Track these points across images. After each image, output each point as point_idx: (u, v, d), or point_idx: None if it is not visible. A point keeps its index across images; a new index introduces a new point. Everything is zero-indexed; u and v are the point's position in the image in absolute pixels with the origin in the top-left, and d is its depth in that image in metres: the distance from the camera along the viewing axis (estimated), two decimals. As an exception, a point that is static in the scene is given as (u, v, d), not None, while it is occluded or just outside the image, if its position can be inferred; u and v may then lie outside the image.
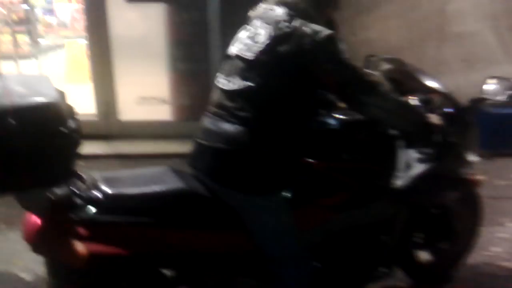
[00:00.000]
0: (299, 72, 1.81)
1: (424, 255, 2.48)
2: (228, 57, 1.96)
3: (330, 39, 1.79)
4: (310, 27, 1.80)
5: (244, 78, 1.83)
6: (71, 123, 1.57)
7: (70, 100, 1.65)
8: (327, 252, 2.05)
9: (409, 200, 2.19)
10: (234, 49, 1.94)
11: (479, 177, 2.42)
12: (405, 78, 2.24)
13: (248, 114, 1.81)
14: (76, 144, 1.60)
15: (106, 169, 2.12)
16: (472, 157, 2.27)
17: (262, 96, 1.81)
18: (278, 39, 1.80)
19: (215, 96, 1.94)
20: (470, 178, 2.36)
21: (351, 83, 1.84)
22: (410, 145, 2.10)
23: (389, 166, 2.07)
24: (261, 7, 1.97)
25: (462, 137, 2.19)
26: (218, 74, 1.97)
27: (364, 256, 2.14)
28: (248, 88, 1.81)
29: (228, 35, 4.09)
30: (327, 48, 1.80)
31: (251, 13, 2.01)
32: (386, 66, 2.34)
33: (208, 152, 1.87)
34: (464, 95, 2.21)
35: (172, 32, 4.38)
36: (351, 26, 3.81)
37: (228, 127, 1.82)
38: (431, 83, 2.17)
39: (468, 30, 4.29)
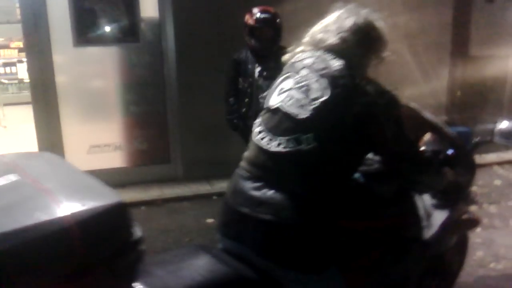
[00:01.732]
0: (357, 136, 1.58)
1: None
2: (270, 110, 1.69)
3: (394, 103, 1.62)
4: (373, 86, 1.60)
5: (295, 140, 1.57)
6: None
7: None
8: None
9: (436, 250, 2.10)
10: (277, 100, 1.67)
11: (478, 217, 2.44)
12: (411, 120, 2.05)
13: (298, 181, 1.58)
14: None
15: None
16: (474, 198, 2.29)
17: (314, 161, 1.57)
18: (337, 98, 1.56)
19: (253, 153, 1.68)
20: (474, 218, 2.35)
21: (406, 159, 1.68)
22: (423, 191, 2.00)
23: (413, 216, 1.95)
24: (305, 54, 1.72)
25: (466, 178, 2.11)
26: (258, 128, 1.70)
27: None
28: (299, 152, 1.56)
29: (185, 75, 4.13)
30: (391, 113, 1.61)
31: (291, 59, 1.76)
32: None
33: (253, 223, 1.60)
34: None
35: (124, 75, 4.20)
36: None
37: (276, 195, 1.57)
38: (438, 125, 2.09)
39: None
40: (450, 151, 2.05)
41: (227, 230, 1.71)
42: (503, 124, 2.17)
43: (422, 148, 2.06)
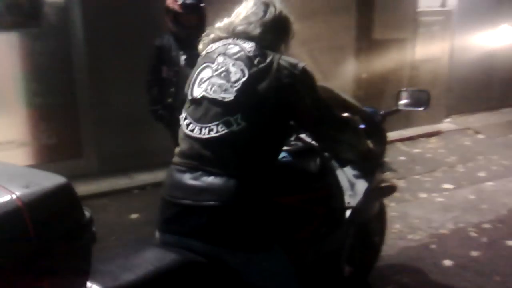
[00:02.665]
0: (280, 108, 1.68)
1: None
2: (195, 100, 1.73)
3: (307, 71, 1.72)
4: (285, 60, 1.70)
5: (225, 123, 1.63)
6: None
7: None
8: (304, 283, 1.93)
9: (363, 217, 2.26)
10: (199, 91, 1.72)
11: (394, 183, 2.66)
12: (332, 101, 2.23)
13: (234, 163, 1.62)
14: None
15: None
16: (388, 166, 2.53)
17: (246, 140, 1.64)
18: (255, 76, 1.65)
19: (186, 146, 1.70)
20: (390, 185, 2.54)
21: (326, 120, 1.78)
22: (342, 163, 2.15)
23: (338, 187, 2.09)
24: (218, 43, 1.79)
25: (381, 147, 2.28)
26: (185, 121, 1.74)
27: (330, 281, 2.12)
28: (231, 134, 1.62)
29: (96, 62, 3.87)
30: (306, 81, 1.72)
31: (206, 49, 1.82)
32: None
33: (196, 212, 1.62)
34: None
35: (26, 64, 3.82)
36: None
37: (215, 180, 1.61)
38: (354, 103, 2.24)
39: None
40: (362, 126, 2.20)
41: (168, 226, 1.69)
42: (402, 94, 2.43)
43: None
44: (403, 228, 3.49)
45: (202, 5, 3.35)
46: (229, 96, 1.65)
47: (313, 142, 2.08)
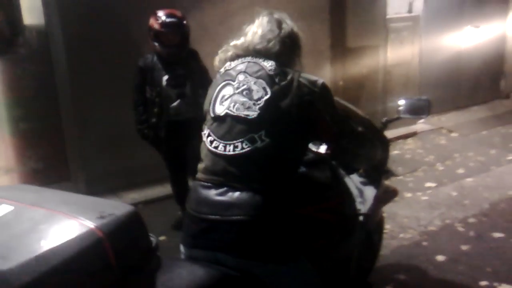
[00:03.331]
0: (302, 124, 1.73)
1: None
2: (217, 118, 1.75)
3: (325, 88, 1.78)
4: (305, 77, 1.76)
5: (250, 140, 1.67)
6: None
7: None
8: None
9: (373, 222, 2.33)
10: (222, 108, 1.75)
11: (396, 188, 2.77)
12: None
13: (259, 178, 1.67)
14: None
15: None
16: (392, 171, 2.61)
17: (270, 155, 1.68)
18: (278, 94, 1.70)
19: (211, 162, 1.73)
20: (392, 190, 2.66)
21: (345, 135, 1.85)
22: (349, 171, 2.23)
23: (348, 195, 2.16)
24: (237, 61, 1.82)
25: (384, 154, 2.34)
26: (208, 138, 1.76)
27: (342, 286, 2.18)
28: (256, 150, 1.66)
29: (80, 84, 3.86)
30: (325, 98, 1.78)
31: (225, 67, 1.85)
32: None
33: (224, 226, 1.65)
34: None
35: (9, 90, 3.78)
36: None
37: (241, 195, 1.64)
38: (359, 112, 2.29)
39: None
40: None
41: (196, 241, 1.71)
42: (403, 102, 2.49)
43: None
44: (394, 228, 3.60)
45: (184, 22, 3.34)
46: (252, 114, 1.68)
47: (320, 151, 2.15)
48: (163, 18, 3.27)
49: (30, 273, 0.98)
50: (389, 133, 5.71)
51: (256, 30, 1.83)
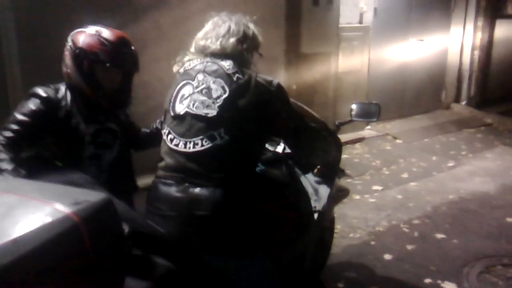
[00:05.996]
0: (260, 122, 1.79)
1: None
2: (177, 116, 1.78)
3: (281, 88, 1.85)
4: (261, 77, 1.82)
5: (209, 137, 1.71)
6: None
7: None
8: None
9: (327, 220, 2.42)
10: (182, 107, 1.78)
11: (347, 187, 2.91)
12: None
13: (219, 174, 1.71)
14: None
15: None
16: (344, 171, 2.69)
17: (230, 152, 1.73)
18: (236, 92, 1.75)
19: (171, 160, 1.75)
20: (344, 189, 2.79)
21: (301, 130, 1.92)
22: (304, 170, 2.31)
23: (304, 193, 2.23)
24: (196, 61, 1.85)
25: (337, 154, 2.42)
26: (168, 136, 1.78)
27: (296, 282, 2.23)
28: (215, 147, 1.70)
29: (30, 73, 3.71)
30: (281, 97, 1.85)
31: (184, 67, 1.87)
32: None
33: (185, 223, 1.68)
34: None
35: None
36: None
37: (202, 191, 1.68)
38: (315, 114, 2.34)
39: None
40: None
41: None
42: (355, 106, 2.60)
43: None
44: (344, 228, 3.73)
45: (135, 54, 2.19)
46: (212, 112, 1.73)
47: (278, 151, 2.21)
48: (115, 43, 2.09)
49: (7, 255, 0.96)
50: (340, 137, 5.94)
51: (211, 32, 1.88)
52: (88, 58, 2.06)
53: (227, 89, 1.75)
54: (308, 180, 2.35)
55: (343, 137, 5.92)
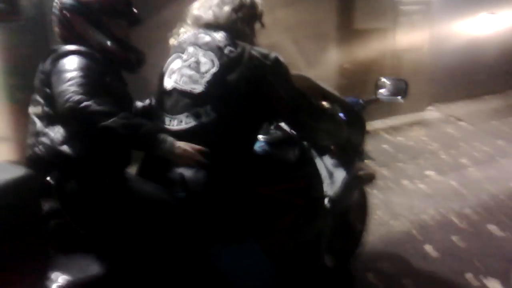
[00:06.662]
0: (252, 99, 1.67)
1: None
2: (166, 92, 1.71)
3: (279, 62, 1.70)
4: (257, 50, 1.68)
5: (195, 115, 1.62)
6: None
7: None
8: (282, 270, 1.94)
9: (341, 206, 2.24)
10: (170, 82, 1.70)
11: (373, 171, 2.68)
12: (306, 88, 2.15)
13: (204, 155, 1.59)
14: None
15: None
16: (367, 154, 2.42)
17: (217, 131, 1.63)
18: (226, 66, 1.64)
19: None
20: (368, 173, 2.56)
21: (302, 109, 1.77)
22: (321, 152, 2.15)
23: (317, 177, 2.10)
24: (189, 33, 1.76)
25: (360, 137, 2.30)
26: (157, 113, 1.72)
27: (310, 270, 2.12)
28: (202, 126, 1.61)
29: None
30: (278, 71, 1.70)
31: (178, 39, 1.78)
32: None
33: (165, 205, 1.58)
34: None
35: (4, 58, 3.78)
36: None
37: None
38: (333, 92, 2.22)
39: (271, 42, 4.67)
40: (341, 115, 2.20)
41: None
42: (382, 82, 2.39)
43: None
44: (384, 215, 3.53)
45: None
46: (198, 87, 1.63)
47: (293, 131, 2.08)
48: None
49: None
50: (396, 120, 5.65)
51: (205, 0, 1.77)
52: (107, 12, 1.75)
53: (216, 62, 1.64)
54: (324, 163, 2.20)
55: (401, 118, 5.65)
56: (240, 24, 1.73)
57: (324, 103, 2.05)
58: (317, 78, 2.20)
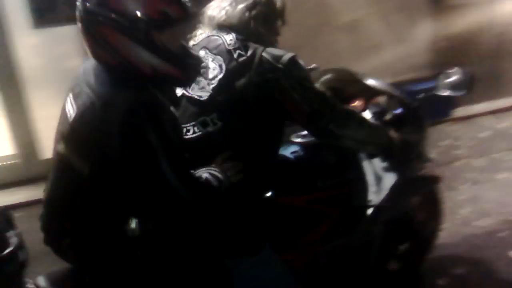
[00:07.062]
0: (263, 106, 1.55)
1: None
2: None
3: (293, 63, 1.56)
4: (269, 52, 1.55)
5: (202, 123, 1.55)
6: None
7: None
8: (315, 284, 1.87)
9: (389, 215, 2.07)
10: (179, 89, 1.63)
11: (437, 173, 2.43)
12: (346, 85, 2.06)
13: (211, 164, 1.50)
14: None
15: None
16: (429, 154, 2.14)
17: (225, 141, 1.54)
18: (233, 72, 1.53)
19: None
20: (431, 176, 2.34)
21: (322, 114, 1.60)
22: (372, 155, 1.96)
23: (362, 183, 1.93)
24: (201, 35, 1.67)
25: (418, 135, 2.06)
26: None
27: (351, 281, 2.00)
28: (208, 135, 1.54)
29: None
30: (292, 74, 1.56)
31: (194, 41, 1.70)
32: (325, 77, 2.12)
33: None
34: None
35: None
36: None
37: None
38: (378, 86, 2.00)
39: (355, 18, 4.28)
40: (398, 110, 2.01)
41: None
42: (444, 76, 2.07)
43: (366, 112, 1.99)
44: (470, 213, 3.20)
45: None
46: (205, 94, 1.56)
47: None
48: None
49: None
50: (501, 103, 5.03)
51: (220, 0, 1.67)
52: (158, 26, 1.34)
53: (224, 68, 1.55)
54: (373, 166, 1.99)
55: (507, 102, 5.04)
56: (254, 24, 1.61)
57: (357, 103, 1.86)
58: (405, 55, 1.98)
